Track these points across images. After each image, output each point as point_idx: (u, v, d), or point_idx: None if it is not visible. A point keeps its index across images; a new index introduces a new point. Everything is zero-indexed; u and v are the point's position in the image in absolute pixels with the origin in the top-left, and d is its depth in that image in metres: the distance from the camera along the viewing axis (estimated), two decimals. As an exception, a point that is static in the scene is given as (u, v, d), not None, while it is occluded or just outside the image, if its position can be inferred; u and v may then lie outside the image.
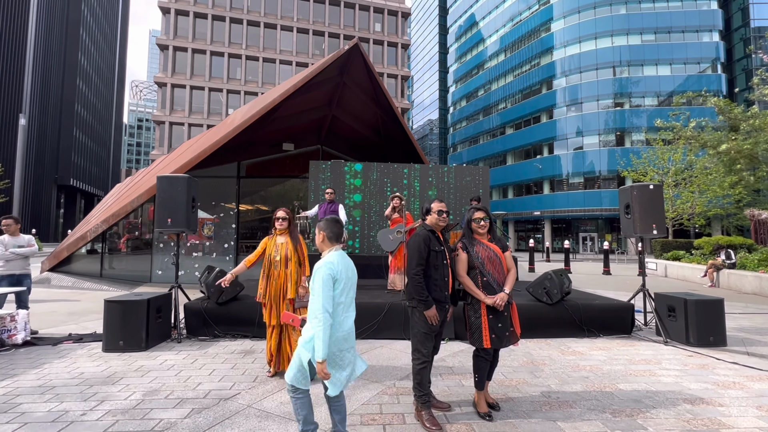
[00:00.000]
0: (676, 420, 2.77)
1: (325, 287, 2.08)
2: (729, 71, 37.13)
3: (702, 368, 3.92)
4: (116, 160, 76.30)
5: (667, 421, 2.76)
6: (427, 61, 69.94)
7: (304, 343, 2.14)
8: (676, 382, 3.51)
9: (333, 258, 2.22)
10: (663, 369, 3.88)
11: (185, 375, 3.59)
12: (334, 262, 2.19)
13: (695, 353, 4.40)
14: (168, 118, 34.58)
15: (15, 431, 2.55)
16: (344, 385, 2.20)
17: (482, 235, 2.91)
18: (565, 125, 39.14)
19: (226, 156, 10.08)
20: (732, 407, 3.00)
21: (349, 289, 2.25)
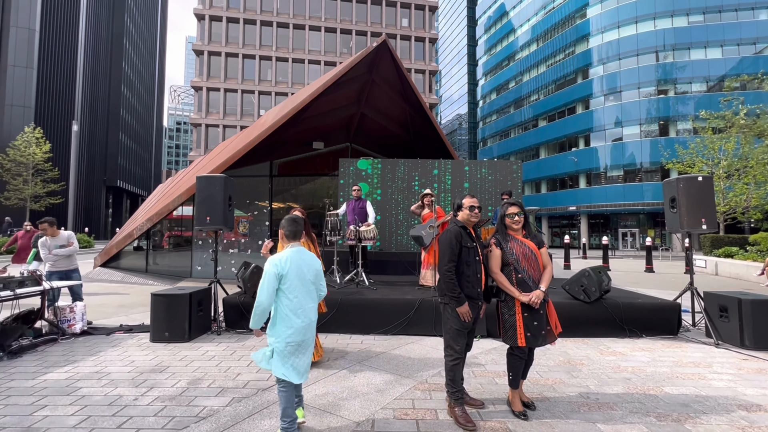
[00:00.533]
0: (730, 427, 2.60)
1: (268, 281, 2.34)
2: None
3: (759, 372, 3.64)
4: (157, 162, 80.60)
5: (719, 427, 2.59)
6: (455, 55, 68.77)
7: (269, 338, 2.42)
8: (730, 387, 3.29)
9: (284, 255, 2.45)
10: (714, 372, 3.64)
11: (225, 365, 3.76)
12: (283, 258, 2.41)
13: (751, 356, 4.10)
14: (204, 121, 36.08)
15: (77, 412, 2.77)
16: (308, 371, 2.44)
17: (517, 230, 2.84)
18: (602, 116, 37.27)
19: (259, 156, 10.41)
20: (794, 416, 2.77)
21: (300, 283, 2.43)
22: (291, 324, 2.37)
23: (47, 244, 5.33)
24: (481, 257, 2.83)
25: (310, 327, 2.45)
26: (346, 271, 6.73)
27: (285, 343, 2.35)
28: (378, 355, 4.07)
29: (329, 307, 4.96)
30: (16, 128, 32.56)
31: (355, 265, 6.31)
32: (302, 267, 2.46)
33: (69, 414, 2.75)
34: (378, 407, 2.86)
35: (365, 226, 6.08)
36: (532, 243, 2.81)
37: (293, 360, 2.37)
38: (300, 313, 2.40)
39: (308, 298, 2.48)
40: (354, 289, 5.59)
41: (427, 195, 5.96)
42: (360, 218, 6.40)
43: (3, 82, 34.31)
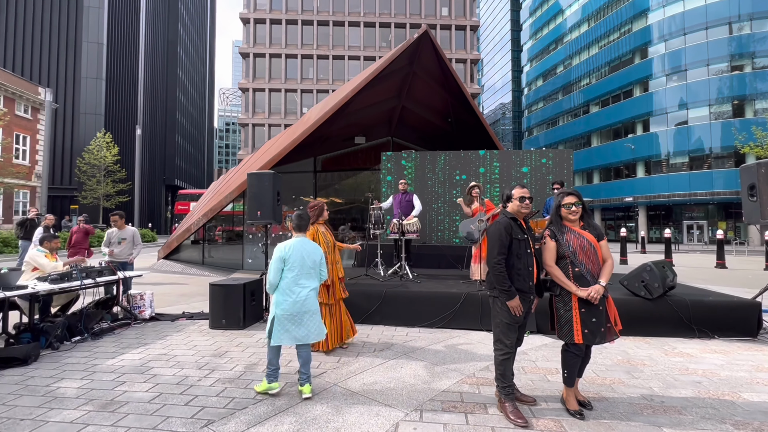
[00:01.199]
0: (826, 440, 2.31)
1: (275, 263, 2.97)
2: None
3: None
4: (209, 161, 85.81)
5: (811, 440, 2.31)
6: (497, 42, 66.21)
7: (271, 307, 3.00)
8: (824, 397, 2.92)
9: (289, 243, 3.03)
10: (803, 380, 3.25)
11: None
12: (287, 246, 3.01)
13: None
14: (251, 120, 37.79)
15: (150, 389, 3.05)
16: (298, 340, 2.93)
17: (573, 221, 2.68)
18: (664, 98, 34.16)
19: (304, 152, 10.73)
20: None
21: (300, 266, 2.98)
22: (287, 297, 2.93)
23: (112, 235, 5.85)
24: (533, 250, 2.72)
25: (303, 303, 2.95)
26: (389, 264, 6.78)
27: (281, 310, 2.92)
28: (424, 348, 4.07)
29: (373, 299, 5.04)
30: (90, 134, 36.10)
31: (398, 258, 6.33)
32: (303, 254, 3.01)
33: (144, 390, 3.03)
34: (426, 398, 2.87)
35: (408, 219, 6.07)
36: (591, 235, 2.65)
37: (287, 326, 2.91)
38: (295, 290, 2.95)
39: (306, 279, 3.00)
40: (398, 282, 5.62)
41: (475, 187, 5.83)
42: (405, 211, 6.40)
43: (78, 93, 38.11)
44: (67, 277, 4.42)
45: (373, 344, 4.20)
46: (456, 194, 8.01)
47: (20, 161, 25.82)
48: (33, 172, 26.62)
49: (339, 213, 16.20)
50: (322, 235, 3.98)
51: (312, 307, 3.00)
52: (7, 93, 24.80)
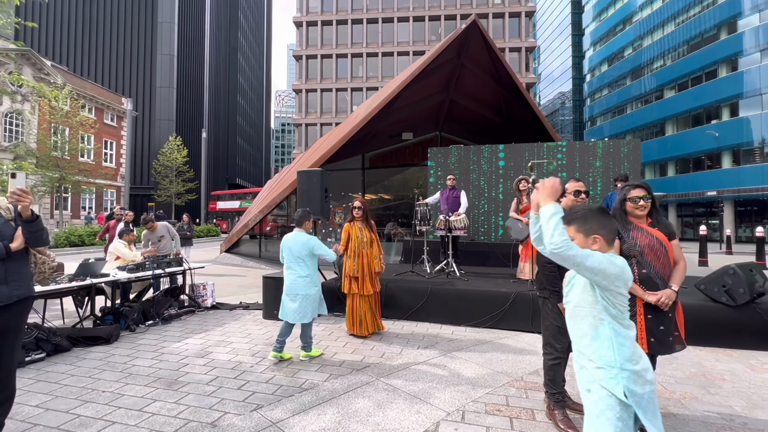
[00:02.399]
0: None
1: (281, 251, 3.75)
2: None
3: None
4: (267, 160, 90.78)
5: None
6: (556, 27, 62.17)
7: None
8: None
9: (288, 236, 3.72)
10: None
11: (324, 345, 4.07)
12: (286, 238, 3.70)
13: None
14: (304, 121, 39.28)
15: (209, 372, 3.30)
16: (292, 316, 3.57)
17: (641, 218, 2.40)
18: (757, 77, 29.83)
19: (352, 149, 10.92)
20: None
21: (288, 255, 3.65)
22: (285, 280, 3.66)
23: (148, 236, 6.27)
24: None
25: (290, 286, 3.61)
26: (437, 262, 6.68)
27: (285, 289, 3.65)
28: (469, 347, 3.96)
29: (418, 296, 5.00)
30: (163, 138, 39.89)
31: (445, 255, 6.22)
32: (291, 245, 3.62)
33: (203, 373, 3.28)
34: (469, 399, 2.79)
35: (455, 216, 5.94)
36: (661, 233, 2.36)
37: (286, 303, 3.61)
38: (289, 275, 3.64)
39: (295, 266, 3.62)
40: (444, 279, 5.52)
41: (522, 180, 5.53)
42: (453, 207, 6.27)
43: (154, 101, 42.26)
44: (141, 267, 4.92)
45: (418, 341, 4.17)
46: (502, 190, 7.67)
47: (108, 164, 29.30)
48: (118, 174, 30.07)
49: (388, 209, 16.32)
50: (358, 230, 4.38)
51: (301, 290, 3.57)
52: (97, 104, 28.25)
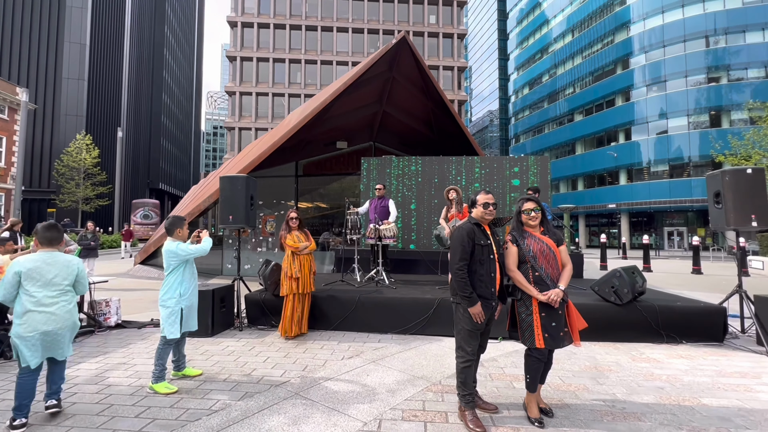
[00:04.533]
0: (777, 446, 2.32)
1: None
2: None
3: (817, 386, 3.25)
4: (196, 165, 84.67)
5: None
6: (485, 50, 67.22)
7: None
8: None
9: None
10: (763, 384, 3.29)
11: (243, 361, 3.84)
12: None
13: (809, 368, 3.67)
14: (237, 124, 37.44)
15: (102, 400, 2.91)
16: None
17: (534, 227, 2.72)
18: (645, 107, 35.07)
19: (285, 156, 10.63)
20: None
21: (165, 265, 3.36)
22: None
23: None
24: (497, 256, 2.70)
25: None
26: (367, 270, 6.71)
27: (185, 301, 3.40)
28: (394, 355, 4.01)
29: (347, 305, 4.96)
30: (70, 136, 35.24)
31: (375, 264, 6.28)
32: (163, 255, 3.35)
33: (95, 402, 2.89)
34: (387, 407, 2.81)
35: (385, 224, 6.03)
36: (551, 240, 2.67)
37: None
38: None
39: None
40: (373, 288, 5.56)
41: (452, 190, 5.80)
42: (381, 216, 6.36)
43: (59, 94, 37.24)
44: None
45: (344, 351, 4.13)
46: (431, 199, 8.00)
47: (-5, 163, 25.07)
48: (9, 174, 25.85)
49: (324, 218, 16.09)
50: (296, 237, 4.66)
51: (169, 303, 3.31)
52: (-18, 93, 24.13)
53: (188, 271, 3.39)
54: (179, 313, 3.24)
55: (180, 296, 3.27)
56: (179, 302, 3.25)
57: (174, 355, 3.39)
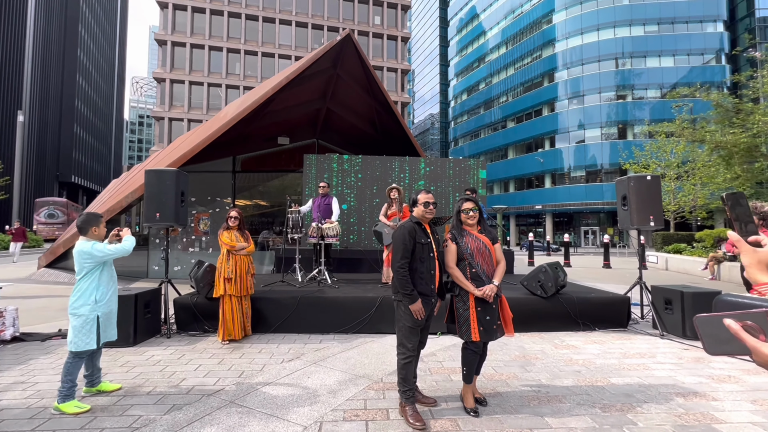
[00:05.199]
0: (668, 415, 2.70)
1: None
2: (733, 62, 36.55)
3: (697, 361, 3.84)
4: (118, 157, 76.43)
5: (658, 416, 2.69)
6: (427, 55, 69.41)
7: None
8: (670, 376, 3.44)
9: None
10: (657, 363, 3.80)
11: (170, 370, 3.54)
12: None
13: (691, 346, 4.32)
14: (167, 114, 34.47)
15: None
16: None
17: (471, 226, 2.85)
18: (566, 118, 38.79)
19: (221, 150, 10.00)
20: (726, 401, 2.92)
21: (77, 269, 3.01)
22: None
23: None
24: (436, 254, 2.79)
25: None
26: (309, 270, 6.57)
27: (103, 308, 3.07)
28: (336, 355, 3.98)
29: (288, 307, 4.81)
30: (-47, 117, 29.81)
31: (317, 263, 6.17)
32: (75, 257, 2.96)
33: (-19, 430, 2.47)
34: (328, 409, 2.77)
35: (328, 223, 5.95)
36: (486, 238, 2.82)
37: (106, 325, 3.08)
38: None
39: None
40: (315, 288, 5.46)
41: (394, 189, 5.89)
42: (324, 215, 6.26)
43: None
44: None
45: (283, 354, 3.99)
46: (373, 198, 8.08)
47: None
48: None
49: (264, 216, 15.43)
50: (234, 237, 4.52)
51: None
52: None
53: (106, 274, 3.04)
54: (95, 322, 2.89)
55: (96, 303, 2.91)
56: (94, 309, 2.90)
57: (87, 369, 3.02)
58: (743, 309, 0.73)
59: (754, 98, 11.71)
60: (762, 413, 2.73)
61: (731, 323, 0.72)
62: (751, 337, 0.71)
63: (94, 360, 3.05)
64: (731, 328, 0.72)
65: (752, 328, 0.71)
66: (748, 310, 0.72)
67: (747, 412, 2.75)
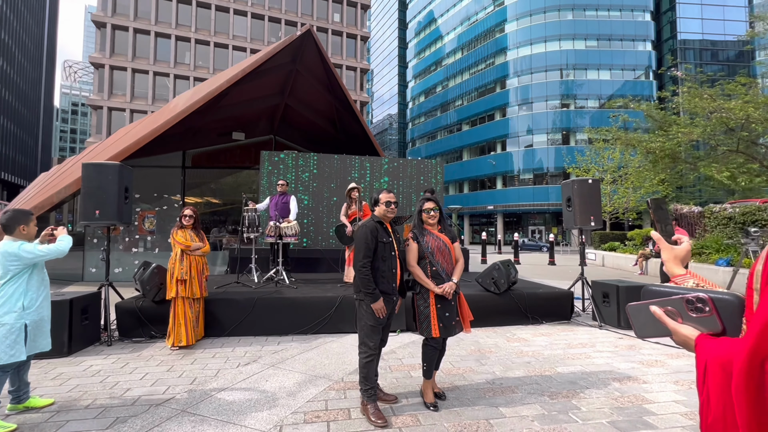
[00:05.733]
0: (606, 399, 2.96)
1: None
2: (659, 78, 40.57)
3: (630, 349, 4.24)
4: (46, 148, 69.03)
5: (598, 400, 2.93)
6: (387, 55, 69.91)
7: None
8: (608, 363, 3.76)
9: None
10: (597, 351, 4.15)
11: (112, 381, 3.28)
12: None
13: (625, 335, 4.76)
14: (106, 103, 31.72)
15: None
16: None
17: (432, 225, 2.91)
18: (517, 123, 40.92)
19: (170, 144, 9.40)
20: (654, 383, 3.26)
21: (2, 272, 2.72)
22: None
23: None
24: (398, 252, 2.84)
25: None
26: (266, 270, 6.38)
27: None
28: (295, 357, 3.90)
29: (243, 309, 4.64)
30: None
31: (275, 263, 6.01)
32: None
33: None
34: (288, 412, 2.72)
35: (286, 222, 5.81)
36: (446, 237, 2.91)
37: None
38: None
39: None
40: (273, 289, 5.31)
41: (354, 189, 5.88)
42: (283, 214, 6.10)
43: None
44: None
45: (239, 358, 3.85)
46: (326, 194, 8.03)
47: None
48: None
49: (216, 215, 14.72)
50: (188, 236, 4.29)
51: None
52: None
53: (36, 277, 2.75)
54: (22, 331, 2.60)
55: (23, 309, 2.62)
56: (21, 317, 2.61)
57: (12, 384, 2.71)
58: (665, 297, 0.86)
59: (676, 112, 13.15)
60: (683, 392, 3.08)
61: (656, 309, 0.85)
62: (671, 320, 0.84)
63: (21, 373, 2.75)
64: (656, 313, 0.85)
65: (672, 313, 0.84)
66: (669, 297, 0.85)
67: (671, 392, 3.09)
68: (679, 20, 41.46)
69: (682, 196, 22.09)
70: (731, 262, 8.77)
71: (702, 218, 11.83)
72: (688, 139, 10.50)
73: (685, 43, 41.15)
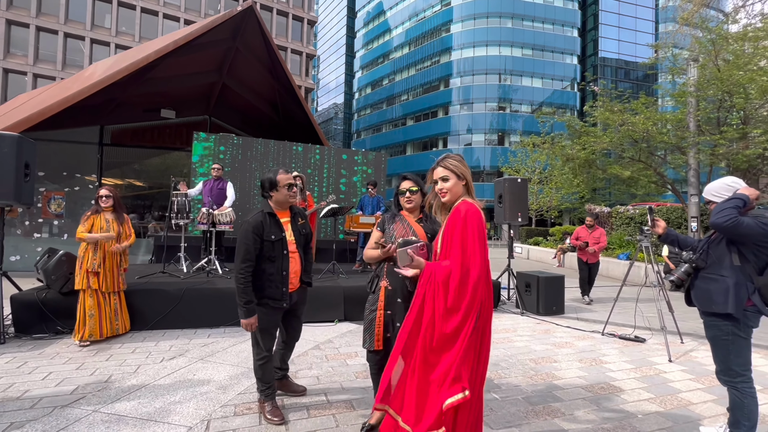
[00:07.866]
0: (523, 377, 3.27)
1: None
2: (582, 91, 44.84)
3: (545, 333, 4.72)
4: None
5: (516, 378, 3.24)
6: (334, 43, 68.39)
7: None
8: (526, 346, 4.16)
9: None
10: (517, 335, 4.55)
11: (6, 382, 2.88)
12: None
13: (542, 321, 5.28)
14: (2, 64, 27.11)
15: None
16: None
17: (411, 210, 2.26)
18: (458, 122, 42.68)
19: (85, 117, 8.34)
20: (563, 362, 3.67)
21: None
22: None
23: None
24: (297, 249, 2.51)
25: None
26: (197, 259, 6.00)
27: None
28: (226, 349, 3.75)
29: (170, 300, 4.33)
30: None
31: (207, 252, 5.67)
32: None
33: None
34: (218, 405, 2.62)
35: (220, 210, 5.50)
36: (422, 230, 2.19)
37: None
38: None
39: None
40: (203, 279, 5.02)
41: (297, 177, 5.69)
42: (217, 200, 5.75)
43: None
44: None
45: (163, 352, 3.60)
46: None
47: None
48: None
49: (140, 198, 13.42)
50: (104, 222, 3.86)
51: None
52: None
53: None
54: None
55: None
56: None
57: None
58: (414, 245, 1.91)
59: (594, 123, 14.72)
60: (585, 368, 3.52)
61: (409, 250, 1.87)
62: (417, 257, 1.85)
63: None
64: (409, 253, 1.86)
65: (418, 254, 1.87)
66: (416, 245, 1.91)
67: (576, 369, 3.51)
68: (601, 39, 46.04)
69: (596, 198, 24.82)
70: (630, 257, 10.14)
71: (611, 218, 13.45)
72: (600, 147, 11.84)
73: (605, 61, 45.84)
